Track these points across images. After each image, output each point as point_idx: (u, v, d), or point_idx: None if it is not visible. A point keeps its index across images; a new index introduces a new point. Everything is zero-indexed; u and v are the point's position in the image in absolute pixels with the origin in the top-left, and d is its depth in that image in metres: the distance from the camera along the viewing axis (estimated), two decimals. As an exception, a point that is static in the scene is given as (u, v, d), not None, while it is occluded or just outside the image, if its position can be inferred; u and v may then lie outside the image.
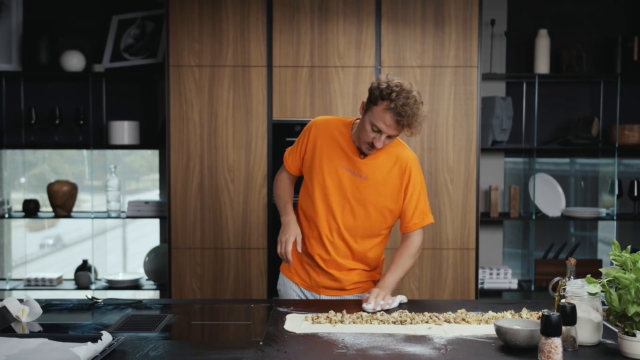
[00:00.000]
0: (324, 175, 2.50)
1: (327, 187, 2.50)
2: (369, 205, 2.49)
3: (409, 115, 2.30)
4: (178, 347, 1.93)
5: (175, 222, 3.66)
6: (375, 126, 2.34)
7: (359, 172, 2.48)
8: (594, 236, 4.55)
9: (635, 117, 4.23)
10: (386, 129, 2.33)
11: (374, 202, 2.49)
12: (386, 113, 2.31)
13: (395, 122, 2.31)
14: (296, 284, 2.62)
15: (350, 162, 2.48)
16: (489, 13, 4.15)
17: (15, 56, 4.16)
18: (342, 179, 2.49)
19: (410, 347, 1.90)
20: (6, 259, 4.41)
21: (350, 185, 2.48)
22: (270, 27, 3.61)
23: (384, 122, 2.32)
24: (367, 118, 2.37)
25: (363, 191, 2.48)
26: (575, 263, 2.04)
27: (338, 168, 2.49)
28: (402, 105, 2.29)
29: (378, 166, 2.48)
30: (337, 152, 2.50)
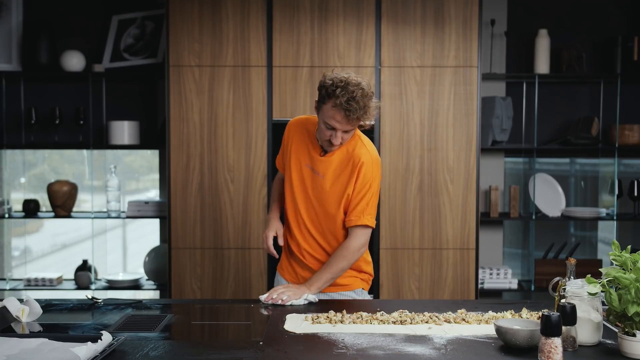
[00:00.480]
0: (291, 173, 2.58)
1: (293, 185, 2.58)
2: (327, 203, 2.52)
3: (356, 109, 2.32)
4: (178, 347, 1.93)
5: (175, 222, 3.66)
6: (328, 124, 2.38)
7: (317, 169, 2.53)
8: (594, 236, 4.55)
9: (635, 117, 4.23)
10: (339, 126, 2.37)
11: (330, 199, 2.52)
12: (334, 110, 2.34)
13: (344, 117, 2.34)
14: (286, 280, 2.67)
15: (311, 159, 2.55)
16: (489, 13, 4.15)
17: (15, 56, 4.16)
18: (305, 176, 2.56)
19: (410, 347, 1.90)
20: (6, 259, 4.40)
21: (311, 182, 2.55)
22: (270, 27, 3.61)
23: (334, 119, 2.35)
24: (320, 117, 2.42)
25: (320, 189, 2.53)
26: (575, 263, 2.04)
27: (302, 166, 2.56)
28: (348, 100, 2.31)
29: (332, 164, 2.51)
30: (303, 150, 2.57)
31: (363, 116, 2.36)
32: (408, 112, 3.62)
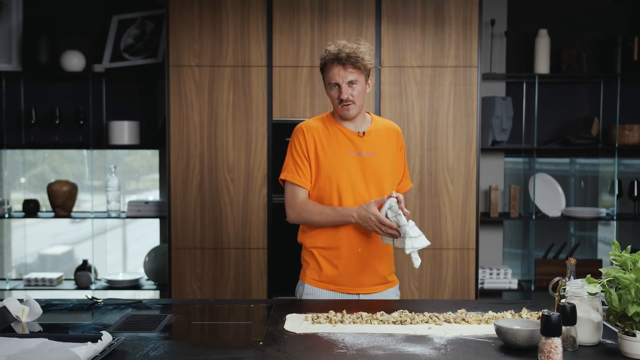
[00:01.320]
0: (339, 168, 2.52)
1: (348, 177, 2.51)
2: (386, 177, 2.56)
3: (348, 54, 2.45)
4: (178, 347, 1.92)
5: (175, 222, 3.66)
6: (332, 82, 2.49)
7: (366, 150, 2.54)
8: (594, 236, 4.55)
9: (635, 117, 4.23)
10: (339, 78, 2.46)
11: (389, 172, 2.58)
12: (330, 65, 2.48)
13: (341, 66, 2.46)
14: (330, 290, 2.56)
15: (354, 145, 2.54)
16: (489, 13, 4.15)
17: (15, 56, 4.16)
18: (354, 165, 2.53)
19: (410, 347, 1.90)
20: (6, 259, 4.41)
21: (364, 165, 2.53)
22: (270, 27, 3.61)
23: (333, 73, 2.47)
24: (325, 86, 2.54)
25: (377, 166, 2.54)
26: (575, 263, 2.04)
27: (346, 157, 2.53)
28: (337, 50, 2.47)
29: (379, 139, 2.57)
30: (337, 142, 2.55)
31: (356, 60, 2.45)
32: (408, 112, 3.62)
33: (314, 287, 2.57)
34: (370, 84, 2.56)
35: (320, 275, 2.56)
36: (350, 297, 2.55)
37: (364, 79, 2.50)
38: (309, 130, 2.56)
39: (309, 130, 2.56)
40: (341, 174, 2.52)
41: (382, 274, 2.58)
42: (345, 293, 2.55)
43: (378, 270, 2.57)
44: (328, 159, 2.53)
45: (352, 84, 2.47)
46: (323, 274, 2.55)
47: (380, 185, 2.54)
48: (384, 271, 2.59)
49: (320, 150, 2.54)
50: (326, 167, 2.53)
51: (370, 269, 2.55)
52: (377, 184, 2.54)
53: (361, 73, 2.48)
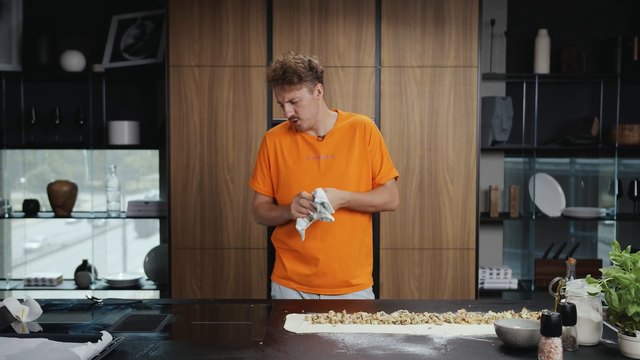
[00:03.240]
0: (297, 174, 2.55)
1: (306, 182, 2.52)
2: (349, 177, 2.53)
3: (282, 73, 2.43)
4: (178, 347, 1.92)
5: (175, 222, 3.66)
6: (279, 102, 2.50)
7: (324, 153, 2.54)
8: (594, 236, 4.55)
9: (635, 117, 4.23)
10: (280, 98, 2.48)
11: (353, 171, 2.54)
12: (274, 87, 2.48)
13: (279, 87, 2.46)
14: (293, 289, 2.61)
15: (312, 149, 2.55)
16: (489, 13, 4.15)
17: (15, 56, 4.16)
18: (312, 169, 2.54)
19: (410, 347, 1.90)
20: (6, 259, 4.40)
21: (322, 171, 2.53)
22: (270, 27, 3.61)
23: (276, 94, 2.49)
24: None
25: (336, 170, 2.53)
26: (575, 263, 2.03)
27: (304, 162, 2.55)
28: (273, 70, 2.46)
29: (338, 138, 2.56)
30: (296, 148, 2.57)
31: (289, 76, 2.42)
32: (408, 112, 3.62)
33: (279, 285, 2.65)
34: (320, 89, 2.50)
35: (282, 272, 2.64)
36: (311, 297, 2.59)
37: (307, 91, 2.46)
38: (271, 138, 2.62)
39: (271, 137, 2.62)
40: (298, 179, 2.54)
41: (342, 277, 2.56)
42: (307, 292, 2.59)
43: (337, 274, 2.56)
44: (287, 166, 2.57)
45: (294, 101, 2.46)
46: (284, 270, 2.62)
47: (341, 187, 2.50)
48: (345, 275, 2.57)
49: (280, 157, 2.59)
50: (284, 174, 2.57)
51: (330, 272, 2.55)
52: (337, 186, 2.50)
53: (301, 87, 2.44)
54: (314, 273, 2.56)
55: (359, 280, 2.60)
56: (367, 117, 2.62)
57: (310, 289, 2.59)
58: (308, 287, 2.59)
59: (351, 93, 3.61)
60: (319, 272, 2.56)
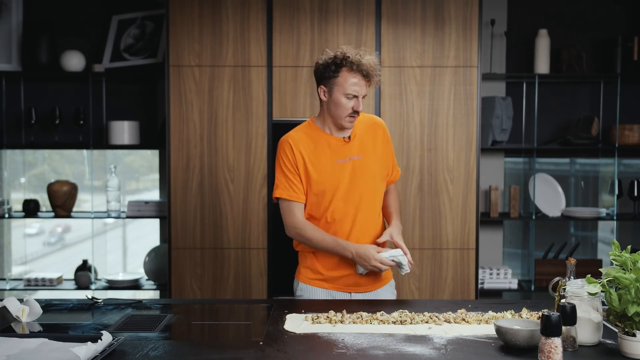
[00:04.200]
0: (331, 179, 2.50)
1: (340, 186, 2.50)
2: (375, 177, 2.56)
3: (370, 66, 2.45)
4: (178, 347, 1.92)
5: (175, 222, 3.66)
6: (350, 94, 2.44)
7: (353, 155, 2.53)
8: (594, 236, 4.55)
9: (635, 117, 4.23)
10: (359, 89, 2.45)
11: (378, 171, 2.57)
12: (351, 75, 2.43)
13: (362, 77, 2.44)
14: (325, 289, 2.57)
15: (340, 152, 2.52)
16: (489, 13, 4.15)
17: (15, 56, 4.16)
18: (346, 170, 2.51)
19: (410, 347, 1.90)
20: (6, 259, 4.40)
21: (354, 170, 2.52)
22: (270, 27, 3.61)
23: (354, 83, 2.44)
24: (335, 94, 2.45)
25: (366, 168, 2.53)
26: (575, 263, 2.04)
27: (335, 165, 2.51)
28: (359, 61, 2.43)
29: (364, 140, 2.56)
30: (324, 152, 2.52)
31: (374, 74, 2.46)
32: (408, 112, 3.62)
33: (308, 285, 2.59)
34: None
35: (314, 274, 2.58)
36: (343, 296, 2.56)
37: None
38: (296, 143, 2.52)
39: (295, 142, 2.52)
40: (332, 184, 2.50)
41: (371, 276, 2.57)
42: (338, 291, 2.56)
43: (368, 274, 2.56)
44: (317, 170, 2.50)
45: (364, 97, 2.50)
46: (317, 273, 2.57)
47: (371, 187, 2.54)
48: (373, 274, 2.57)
49: (309, 163, 2.51)
50: (317, 180, 2.50)
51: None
52: (367, 186, 2.53)
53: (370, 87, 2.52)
54: (350, 273, 2.54)
55: (385, 274, 2.64)
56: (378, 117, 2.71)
57: (343, 287, 2.56)
58: (341, 286, 2.56)
59: (351, 93, 3.60)
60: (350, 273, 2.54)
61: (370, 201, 2.55)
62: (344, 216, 2.52)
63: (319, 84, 2.50)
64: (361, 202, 2.52)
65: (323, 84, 2.48)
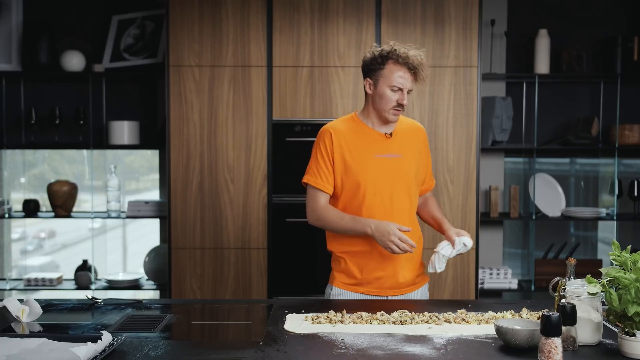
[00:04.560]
0: (366, 172, 2.49)
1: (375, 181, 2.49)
2: (411, 179, 2.55)
3: (418, 62, 2.45)
4: (178, 347, 1.93)
5: (175, 222, 3.66)
6: (395, 86, 2.45)
7: (393, 152, 2.53)
8: (594, 236, 4.55)
9: (635, 117, 4.23)
10: (405, 82, 2.45)
11: (414, 173, 2.56)
12: (397, 67, 2.45)
13: (408, 71, 2.45)
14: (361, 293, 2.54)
15: (380, 147, 2.52)
16: (489, 13, 4.15)
17: (15, 56, 4.16)
18: (383, 165, 2.51)
19: (410, 347, 1.90)
20: (6, 259, 4.41)
21: (391, 167, 2.51)
22: (270, 27, 3.61)
23: (400, 76, 2.45)
24: (381, 86, 2.47)
25: (403, 167, 2.53)
26: (575, 263, 2.04)
27: (373, 158, 2.50)
28: (405, 55, 2.44)
29: (406, 140, 2.57)
30: (363, 145, 2.52)
31: (421, 69, 2.46)
32: (408, 112, 3.61)
33: (343, 290, 2.56)
34: None
35: (349, 278, 2.55)
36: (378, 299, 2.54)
37: None
38: (337, 133, 2.53)
39: (336, 133, 2.53)
40: (367, 176, 2.49)
41: (409, 278, 2.56)
42: (374, 295, 2.53)
43: (406, 275, 2.55)
44: (355, 162, 2.50)
45: (409, 92, 2.50)
46: (352, 277, 2.54)
47: (406, 187, 2.53)
48: (412, 274, 2.57)
49: (347, 153, 2.51)
50: (353, 171, 2.50)
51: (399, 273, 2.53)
52: (403, 185, 2.53)
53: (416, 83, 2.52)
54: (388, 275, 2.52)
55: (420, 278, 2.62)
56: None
57: (379, 290, 2.53)
58: (377, 290, 2.53)
59: (351, 93, 3.61)
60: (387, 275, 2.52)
61: (404, 201, 2.53)
62: (379, 212, 2.49)
63: (365, 77, 2.52)
64: (396, 200, 2.51)
65: (369, 76, 2.50)
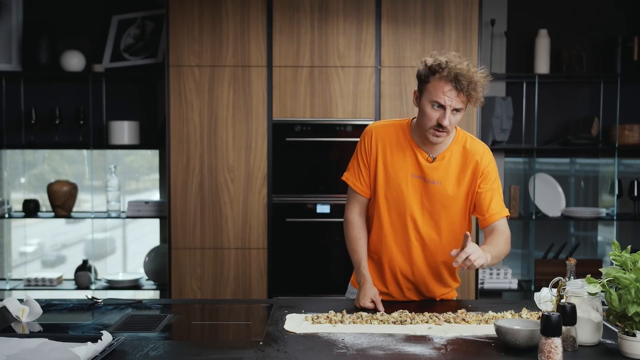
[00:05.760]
0: (400, 189, 2.33)
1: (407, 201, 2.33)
2: (452, 208, 2.34)
3: (466, 79, 2.15)
4: (178, 347, 1.92)
5: (175, 222, 3.66)
6: (436, 102, 2.19)
7: (430, 177, 2.31)
8: (594, 236, 4.55)
9: (635, 117, 4.23)
10: (447, 100, 2.17)
11: (455, 204, 2.34)
12: (442, 83, 2.17)
13: (454, 88, 2.16)
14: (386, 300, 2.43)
15: (419, 168, 2.32)
16: (489, 13, 4.15)
17: (15, 56, 4.16)
18: (418, 187, 2.32)
19: (410, 347, 1.90)
20: (6, 259, 4.40)
21: (425, 192, 2.32)
22: (270, 27, 3.61)
23: (443, 93, 2.17)
24: (424, 101, 2.22)
25: (440, 196, 2.32)
26: (575, 263, 2.03)
27: (408, 177, 2.33)
28: (455, 71, 2.15)
29: (450, 166, 2.32)
30: (402, 158, 2.33)
31: (472, 89, 2.16)
32: (408, 112, 3.61)
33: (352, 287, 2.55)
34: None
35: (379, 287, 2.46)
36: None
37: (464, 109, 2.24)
38: (379, 136, 2.36)
39: (380, 135, 2.36)
40: (399, 196, 2.34)
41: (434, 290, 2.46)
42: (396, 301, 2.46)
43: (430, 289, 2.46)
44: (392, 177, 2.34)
45: (456, 111, 2.21)
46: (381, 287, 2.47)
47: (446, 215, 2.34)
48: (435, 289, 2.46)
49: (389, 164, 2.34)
50: (390, 185, 2.34)
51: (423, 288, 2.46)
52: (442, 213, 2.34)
53: (468, 102, 2.22)
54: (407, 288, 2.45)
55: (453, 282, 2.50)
56: (484, 145, 2.39)
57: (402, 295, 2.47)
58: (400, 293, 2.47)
59: (351, 93, 3.61)
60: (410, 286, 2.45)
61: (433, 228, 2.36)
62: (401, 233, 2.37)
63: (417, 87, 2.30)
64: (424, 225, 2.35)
65: (418, 88, 2.28)
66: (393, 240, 2.39)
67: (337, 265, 3.65)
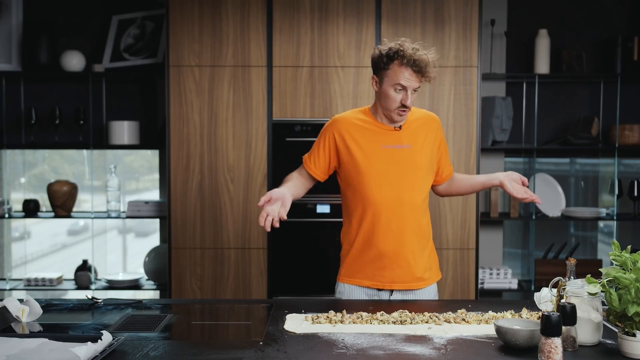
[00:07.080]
0: (373, 162, 2.50)
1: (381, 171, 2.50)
2: (420, 171, 2.54)
3: (423, 62, 2.42)
4: (178, 347, 1.93)
5: (175, 222, 3.66)
6: (399, 85, 2.44)
7: (402, 142, 2.53)
8: (594, 236, 4.55)
9: (635, 117, 4.23)
10: (408, 83, 2.43)
11: (425, 165, 2.55)
12: (402, 68, 2.43)
13: (413, 72, 2.43)
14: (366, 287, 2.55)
15: (389, 138, 2.53)
16: (489, 13, 4.15)
17: (15, 56, 4.16)
18: (389, 156, 2.51)
19: (410, 347, 1.90)
20: (6, 259, 4.40)
21: (399, 158, 2.51)
22: (270, 27, 3.61)
23: (404, 77, 2.43)
24: (385, 85, 2.47)
25: (412, 158, 2.53)
26: (575, 263, 2.04)
27: (378, 150, 2.51)
28: (414, 57, 2.42)
29: (416, 129, 2.56)
30: (370, 135, 2.53)
31: (427, 69, 2.43)
32: (408, 112, 3.61)
33: (347, 285, 2.58)
34: None
35: (352, 273, 2.57)
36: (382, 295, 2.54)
37: None
38: (342, 124, 2.56)
39: (342, 123, 2.56)
40: (373, 167, 2.50)
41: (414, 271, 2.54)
42: (378, 289, 2.54)
43: (412, 267, 2.53)
44: (363, 153, 2.51)
45: (414, 91, 2.47)
46: (356, 270, 2.56)
47: (416, 178, 2.53)
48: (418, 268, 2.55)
49: (352, 143, 2.53)
50: (358, 160, 2.51)
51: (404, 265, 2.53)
52: (412, 177, 2.52)
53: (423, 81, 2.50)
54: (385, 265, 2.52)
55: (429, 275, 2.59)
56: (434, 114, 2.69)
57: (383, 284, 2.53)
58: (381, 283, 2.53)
59: (351, 93, 3.61)
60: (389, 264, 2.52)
61: (413, 192, 2.53)
62: (385, 204, 2.50)
63: (373, 73, 2.52)
64: (404, 190, 2.51)
65: (375, 74, 2.51)
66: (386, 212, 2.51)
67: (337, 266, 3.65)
